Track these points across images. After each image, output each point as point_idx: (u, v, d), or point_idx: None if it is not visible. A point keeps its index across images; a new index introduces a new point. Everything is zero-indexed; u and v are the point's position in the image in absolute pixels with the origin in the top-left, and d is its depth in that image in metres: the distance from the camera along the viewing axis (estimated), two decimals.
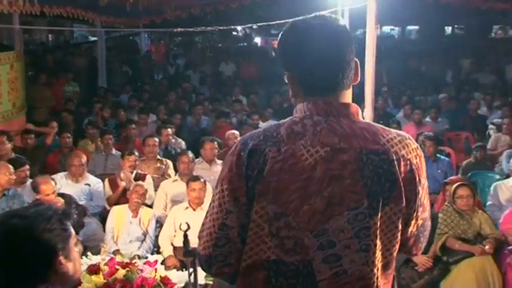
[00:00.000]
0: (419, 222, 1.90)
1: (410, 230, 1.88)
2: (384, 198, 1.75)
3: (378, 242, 1.77)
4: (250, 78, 15.26)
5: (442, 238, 5.48)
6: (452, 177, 6.52)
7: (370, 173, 1.74)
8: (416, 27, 27.43)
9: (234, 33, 25.31)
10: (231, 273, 1.85)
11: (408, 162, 1.79)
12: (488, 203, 6.53)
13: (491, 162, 8.21)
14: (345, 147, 1.74)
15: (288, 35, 1.86)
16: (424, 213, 1.90)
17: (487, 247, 5.30)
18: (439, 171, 7.47)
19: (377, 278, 1.79)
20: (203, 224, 1.86)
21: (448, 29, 27.27)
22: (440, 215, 5.60)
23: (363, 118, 1.88)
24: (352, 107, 1.82)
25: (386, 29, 27.50)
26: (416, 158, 1.82)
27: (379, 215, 1.75)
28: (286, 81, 1.89)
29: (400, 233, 1.83)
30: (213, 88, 14.15)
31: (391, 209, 1.78)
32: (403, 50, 19.11)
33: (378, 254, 1.78)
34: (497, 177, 7.38)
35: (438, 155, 7.69)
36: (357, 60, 1.88)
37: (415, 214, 1.86)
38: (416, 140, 8.08)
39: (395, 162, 1.76)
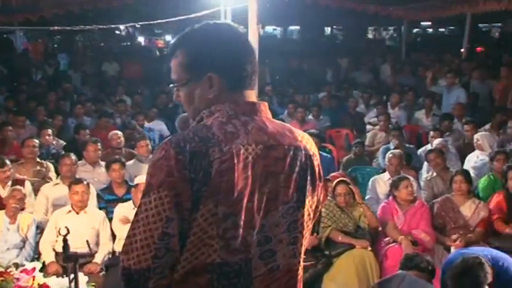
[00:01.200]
0: (317, 215, 2.03)
1: (313, 222, 1.99)
2: (306, 191, 1.87)
3: (304, 234, 1.87)
4: (134, 78, 14.99)
5: (326, 231, 5.67)
6: (333, 174, 6.74)
7: (298, 168, 1.84)
8: (298, 27, 28.21)
9: (117, 32, 24.81)
10: (167, 285, 1.74)
11: (316, 158, 1.94)
12: (367, 196, 6.81)
13: (370, 158, 8.60)
14: (274, 144, 1.80)
15: (202, 36, 1.87)
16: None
17: (363, 245, 5.55)
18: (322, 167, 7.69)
19: (301, 269, 1.90)
20: (131, 236, 1.72)
21: (328, 30, 28.29)
22: (323, 209, 5.79)
23: None
24: (266, 106, 1.89)
25: (269, 29, 28.01)
26: (317, 155, 1.96)
27: (304, 207, 1.86)
28: (196, 82, 1.86)
29: (311, 223, 1.95)
30: (96, 88, 13.76)
31: (309, 202, 1.89)
32: (285, 50, 19.54)
33: (303, 245, 1.88)
34: (375, 171, 7.74)
35: (320, 152, 7.92)
36: None
37: (319, 208, 2.01)
38: None
39: (313, 158, 1.91)
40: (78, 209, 5.67)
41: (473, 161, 7.50)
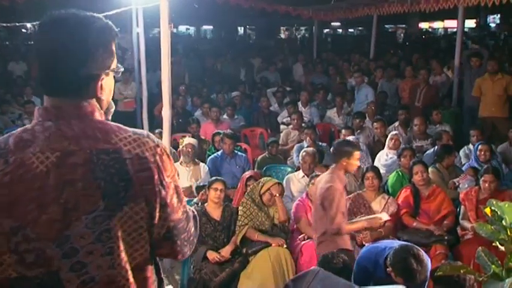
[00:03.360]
0: (170, 224, 1.86)
1: (157, 231, 1.84)
2: (120, 198, 1.72)
3: (122, 244, 1.74)
4: None
5: (243, 230, 5.69)
6: (252, 172, 6.79)
7: (102, 174, 1.70)
8: (211, 27, 28.25)
9: (24, 30, 23.92)
10: None
11: (144, 160, 1.76)
12: None
13: (284, 156, 8.71)
14: (74, 149, 1.69)
15: (38, 27, 1.78)
16: (174, 214, 1.87)
17: (279, 242, 5.62)
18: (238, 167, 7.73)
19: (127, 281, 1.77)
20: None
21: (241, 30, 28.48)
22: (240, 207, 5.82)
23: (109, 118, 1.87)
24: (86, 107, 1.78)
25: (183, 28, 27.86)
26: (154, 156, 1.80)
27: (119, 215, 1.72)
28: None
29: (147, 233, 1.80)
30: (2, 89, 13.19)
31: (132, 209, 1.74)
32: (199, 49, 19.48)
33: (125, 255, 1.76)
34: (289, 169, 7.85)
35: (235, 151, 7.96)
36: (108, 73, 1.84)
37: (158, 214, 1.81)
38: (214, 139, 8.33)
39: (128, 161, 1.73)
40: None
41: (383, 158, 7.73)
